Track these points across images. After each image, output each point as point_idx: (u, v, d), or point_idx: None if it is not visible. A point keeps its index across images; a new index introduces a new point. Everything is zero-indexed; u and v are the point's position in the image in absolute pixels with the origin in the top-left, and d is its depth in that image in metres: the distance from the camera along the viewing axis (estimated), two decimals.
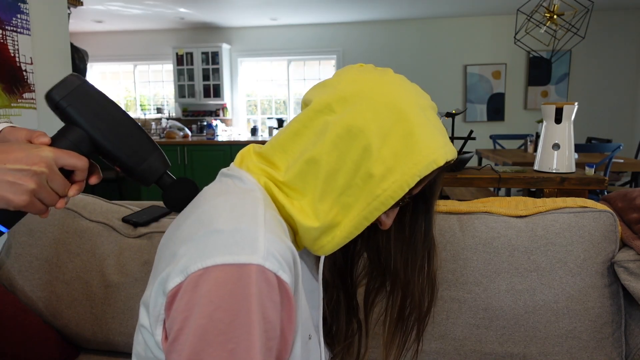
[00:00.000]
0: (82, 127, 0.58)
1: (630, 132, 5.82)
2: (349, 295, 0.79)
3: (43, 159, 0.53)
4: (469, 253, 1.06)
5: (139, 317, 0.57)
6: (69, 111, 0.57)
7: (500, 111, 6.03)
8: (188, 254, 0.50)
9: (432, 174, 0.59)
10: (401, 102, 0.57)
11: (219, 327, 0.45)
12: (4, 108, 1.97)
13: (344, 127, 0.56)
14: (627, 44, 5.71)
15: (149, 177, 0.62)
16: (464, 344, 1.05)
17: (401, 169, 0.55)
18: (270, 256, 0.49)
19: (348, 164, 0.56)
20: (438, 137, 0.57)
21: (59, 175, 0.55)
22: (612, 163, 3.38)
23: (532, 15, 3.70)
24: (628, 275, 1.01)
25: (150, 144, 0.62)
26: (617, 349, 1.03)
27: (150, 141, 0.63)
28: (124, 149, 0.59)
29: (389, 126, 0.55)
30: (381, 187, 0.55)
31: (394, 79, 0.60)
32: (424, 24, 6.04)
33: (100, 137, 0.58)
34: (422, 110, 0.58)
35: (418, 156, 0.55)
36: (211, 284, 0.46)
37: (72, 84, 0.58)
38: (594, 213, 1.06)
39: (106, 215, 1.23)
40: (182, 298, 0.48)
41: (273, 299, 0.48)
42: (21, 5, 1.97)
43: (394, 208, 0.62)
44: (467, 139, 1.90)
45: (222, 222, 0.51)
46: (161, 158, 0.63)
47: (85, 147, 0.58)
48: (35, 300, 1.19)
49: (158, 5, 5.13)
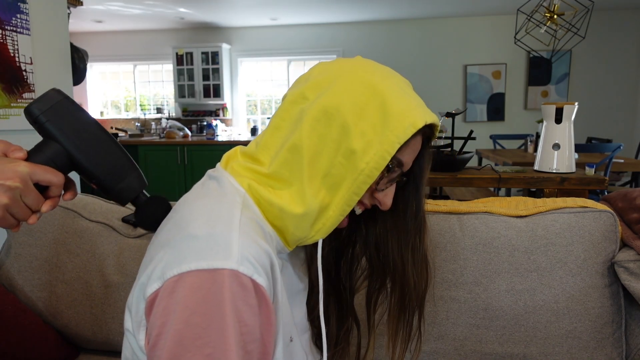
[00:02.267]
0: (60, 143, 0.57)
1: (630, 132, 5.82)
2: (340, 299, 0.78)
3: (18, 173, 0.52)
4: (469, 253, 1.06)
5: (124, 321, 0.58)
6: (47, 126, 0.56)
7: (501, 111, 6.03)
8: (165, 259, 0.51)
9: (415, 139, 0.60)
10: (373, 77, 0.58)
11: (195, 332, 0.46)
12: (3, 108, 1.97)
13: (320, 109, 0.57)
14: (627, 44, 5.71)
15: (125, 196, 0.62)
16: (464, 344, 1.05)
17: (380, 139, 0.56)
18: (244, 260, 0.49)
19: (329, 144, 0.57)
20: (412, 102, 0.58)
21: (34, 190, 0.54)
22: (612, 163, 3.38)
23: (532, 15, 3.69)
24: (628, 275, 1.00)
25: (129, 164, 0.62)
26: (617, 349, 1.03)
27: (130, 161, 0.62)
28: (101, 167, 0.59)
29: (364, 101, 0.57)
30: (364, 160, 0.56)
31: (364, 62, 0.62)
32: (424, 24, 6.04)
33: (77, 154, 0.57)
34: (394, 83, 0.59)
35: (394, 122, 0.56)
36: (186, 290, 0.47)
37: (52, 99, 0.57)
38: (594, 213, 1.06)
39: (106, 215, 1.23)
40: (159, 304, 0.49)
41: (249, 302, 0.49)
42: (21, 5, 1.96)
43: (390, 185, 0.62)
44: (467, 139, 1.90)
45: (197, 227, 0.52)
46: (139, 179, 0.63)
47: (62, 162, 0.57)
48: (35, 300, 1.19)
49: (158, 5, 5.13)
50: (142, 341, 0.54)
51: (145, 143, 5.35)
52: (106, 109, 6.93)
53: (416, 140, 0.61)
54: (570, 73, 5.84)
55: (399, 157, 0.60)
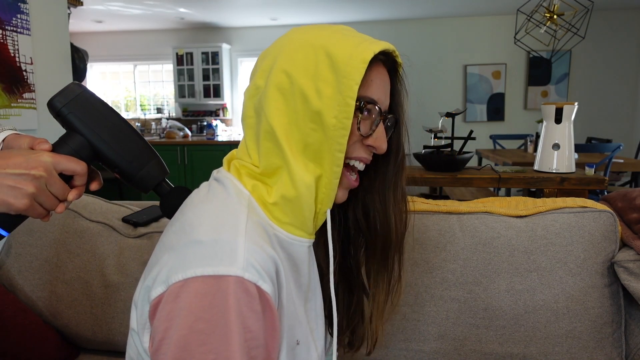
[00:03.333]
0: (83, 134, 0.59)
1: (630, 132, 5.82)
2: (349, 279, 0.77)
3: (42, 163, 0.54)
4: (469, 253, 1.06)
5: (130, 319, 0.58)
6: (70, 118, 0.58)
7: (500, 111, 6.03)
8: (169, 264, 0.51)
9: (374, 72, 0.60)
10: (310, 37, 0.59)
11: (199, 338, 0.46)
12: (4, 108, 1.97)
13: (274, 88, 0.58)
14: (627, 44, 5.71)
15: (147, 183, 0.63)
16: (464, 344, 1.05)
17: (338, 89, 0.56)
18: (249, 267, 0.49)
19: (295, 117, 0.57)
20: (355, 40, 0.58)
21: (58, 179, 0.56)
22: (612, 163, 3.38)
23: (532, 15, 3.69)
24: (628, 275, 1.01)
25: (149, 151, 0.64)
26: (617, 349, 1.03)
27: (149, 148, 0.64)
28: (123, 155, 0.61)
29: (310, 62, 0.57)
30: (331, 115, 0.56)
31: (296, 29, 0.63)
32: (424, 24, 6.04)
33: (100, 144, 0.59)
34: (331, 32, 0.60)
35: (345, 67, 0.56)
36: (191, 296, 0.47)
37: (73, 92, 0.59)
38: (594, 213, 1.06)
39: (106, 215, 1.23)
40: (163, 308, 0.49)
41: (254, 309, 0.49)
42: (21, 5, 1.97)
43: (375, 127, 0.61)
44: (467, 139, 1.90)
45: (202, 232, 0.52)
46: (160, 165, 0.64)
47: (85, 153, 0.59)
48: (35, 300, 1.19)
49: (158, 5, 5.13)
50: (146, 343, 0.54)
51: None
52: None
53: (377, 72, 0.61)
54: (570, 73, 5.84)
55: (367, 95, 0.59)
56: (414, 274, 1.07)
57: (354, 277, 0.76)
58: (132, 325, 0.57)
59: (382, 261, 0.72)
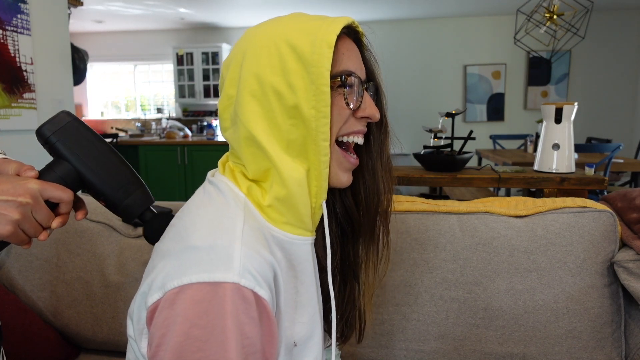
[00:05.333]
0: (70, 162, 0.59)
1: (630, 132, 5.82)
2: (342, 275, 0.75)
3: (29, 190, 0.54)
4: (469, 253, 1.06)
5: (127, 328, 0.58)
6: (58, 146, 0.59)
7: (500, 111, 6.03)
8: (166, 270, 0.50)
9: (342, 49, 0.59)
10: (269, 33, 0.58)
11: (195, 344, 0.46)
12: (4, 108, 1.97)
13: (247, 94, 0.57)
14: (627, 44, 5.71)
15: (132, 211, 0.63)
16: (464, 344, 1.05)
17: (310, 79, 0.55)
18: (246, 273, 0.49)
19: (272, 117, 0.57)
20: (314, 24, 0.57)
21: (44, 206, 0.56)
22: (612, 163, 3.38)
23: (532, 16, 3.69)
24: (628, 275, 1.01)
25: (135, 180, 0.64)
26: (616, 349, 1.03)
27: (136, 177, 0.64)
28: (110, 183, 0.61)
29: (277, 59, 0.56)
30: (309, 106, 0.55)
31: (253, 28, 0.62)
32: (424, 24, 6.04)
33: (87, 172, 0.60)
34: (288, 22, 0.59)
35: (312, 56, 0.55)
36: (187, 302, 0.47)
37: (62, 120, 0.60)
38: (593, 213, 1.06)
39: (106, 215, 1.23)
40: (160, 315, 0.48)
41: (250, 315, 0.49)
42: (21, 5, 1.97)
43: (360, 98, 0.60)
44: (467, 139, 1.91)
45: (198, 238, 0.52)
46: (145, 194, 0.65)
47: (71, 181, 0.59)
48: (36, 300, 1.19)
49: (158, 5, 5.13)
50: (144, 349, 0.54)
51: (145, 143, 5.35)
52: (106, 109, 6.93)
53: (345, 45, 0.60)
54: (570, 73, 5.84)
55: (345, 69, 0.59)
56: (414, 274, 1.07)
57: (347, 267, 0.74)
58: (129, 333, 0.57)
59: (371, 234, 0.71)
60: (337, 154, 0.61)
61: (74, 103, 2.63)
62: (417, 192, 5.69)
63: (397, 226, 1.09)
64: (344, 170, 0.62)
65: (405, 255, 1.08)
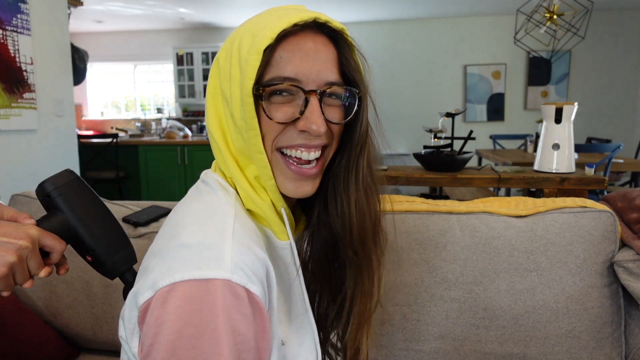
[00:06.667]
0: (67, 215, 0.61)
1: (630, 132, 5.82)
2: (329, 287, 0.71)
3: (29, 235, 0.55)
4: (469, 253, 1.06)
5: (118, 329, 0.58)
6: (58, 200, 0.61)
7: (500, 111, 6.03)
8: (157, 268, 0.50)
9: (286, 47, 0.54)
10: (237, 30, 0.58)
11: (189, 342, 0.45)
12: (4, 108, 1.97)
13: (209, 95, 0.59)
14: (627, 44, 5.71)
15: (117, 269, 0.65)
16: (464, 344, 1.05)
17: (241, 88, 0.54)
18: (237, 269, 0.48)
19: (223, 122, 0.57)
20: (263, 24, 0.54)
21: (38, 254, 0.57)
22: (612, 163, 3.38)
23: (532, 16, 3.69)
24: (628, 275, 1.01)
25: (124, 239, 0.67)
26: (616, 349, 1.03)
27: (125, 237, 0.67)
28: (101, 241, 0.63)
29: (229, 62, 0.56)
30: (239, 117, 0.55)
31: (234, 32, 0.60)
32: (424, 24, 6.04)
33: (82, 228, 0.62)
34: (258, 17, 0.57)
35: (245, 64, 0.53)
36: (179, 300, 0.47)
37: (65, 177, 0.62)
38: (593, 213, 1.06)
39: None
40: (152, 313, 0.48)
41: (243, 311, 0.48)
42: (21, 5, 1.96)
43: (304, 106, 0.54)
44: (467, 139, 1.91)
45: (189, 235, 0.51)
46: (132, 253, 0.67)
47: (66, 234, 0.61)
48: (36, 300, 1.19)
49: (158, 5, 5.13)
50: (135, 348, 0.54)
51: (145, 143, 5.34)
52: (106, 109, 6.93)
53: (292, 46, 0.54)
54: (570, 73, 5.84)
55: (275, 76, 0.54)
56: (413, 274, 1.07)
57: (335, 287, 0.68)
58: (120, 334, 0.57)
59: (352, 259, 0.63)
60: (280, 164, 0.58)
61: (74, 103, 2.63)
62: (417, 192, 5.68)
63: (397, 226, 1.09)
64: (291, 180, 0.58)
65: (405, 255, 1.08)
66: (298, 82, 0.54)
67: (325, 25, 0.56)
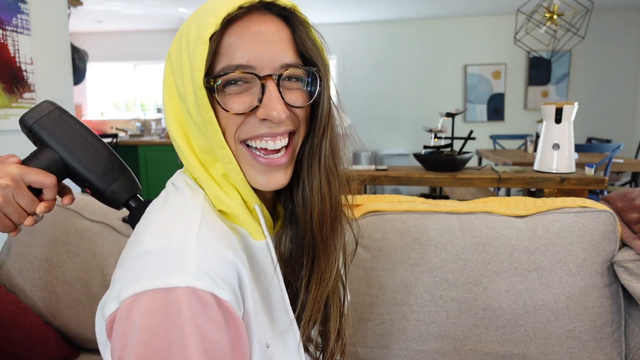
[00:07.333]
0: (54, 149, 0.59)
1: (630, 132, 5.82)
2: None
3: (8, 173, 0.54)
4: (469, 253, 1.06)
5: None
6: (41, 134, 0.59)
7: (500, 111, 6.03)
8: (121, 279, 0.48)
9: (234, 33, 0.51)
10: (183, 25, 0.54)
11: (156, 354, 0.43)
12: (4, 108, 1.97)
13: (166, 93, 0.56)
14: (627, 44, 5.71)
15: (118, 198, 0.63)
16: (464, 344, 1.05)
17: (192, 81, 0.51)
18: (202, 275, 0.46)
19: (183, 121, 0.55)
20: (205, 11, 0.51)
21: (26, 190, 0.56)
22: (612, 163, 3.38)
23: (532, 16, 3.69)
24: (628, 275, 1.01)
25: (120, 166, 0.64)
26: (616, 349, 1.03)
27: (121, 163, 0.64)
28: (94, 170, 0.61)
29: (180, 58, 0.53)
30: (195, 113, 0.52)
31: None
32: (424, 24, 6.04)
33: (71, 159, 0.60)
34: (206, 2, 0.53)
35: (193, 55, 0.50)
36: (143, 311, 0.44)
37: (45, 109, 0.60)
38: (593, 213, 1.06)
39: (106, 215, 1.23)
40: (118, 326, 0.46)
41: (212, 318, 0.45)
42: (21, 5, 1.96)
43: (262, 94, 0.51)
44: (467, 139, 1.90)
45: (151, 241, 0.48)
46: (131, 180, 0.65)
47: (56, 168, 0.59)
48: (36, 300, 1.19)
49: (158, 5, 5.13)
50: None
51: (145, 143, 5.35)
52: (106, 109, 6.93)
53: (241, 31, 0.51)
54: (570, 73, 5.84)
55: (226, 65, 0.51)
56: (413, 274, 1.07)
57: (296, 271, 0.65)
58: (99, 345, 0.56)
59: (313, 245, 0.60)
60: (246, 157, 0.55)
61: (74, 103, 2.63)
62: (417, 192, 5.68)
63: (397, 226, 1.09)
64: (261, 172, 0.55)
65: (405, 255, 1.08)
66: (251, 69, 0.51)
67: (273, 5, 0.53)
